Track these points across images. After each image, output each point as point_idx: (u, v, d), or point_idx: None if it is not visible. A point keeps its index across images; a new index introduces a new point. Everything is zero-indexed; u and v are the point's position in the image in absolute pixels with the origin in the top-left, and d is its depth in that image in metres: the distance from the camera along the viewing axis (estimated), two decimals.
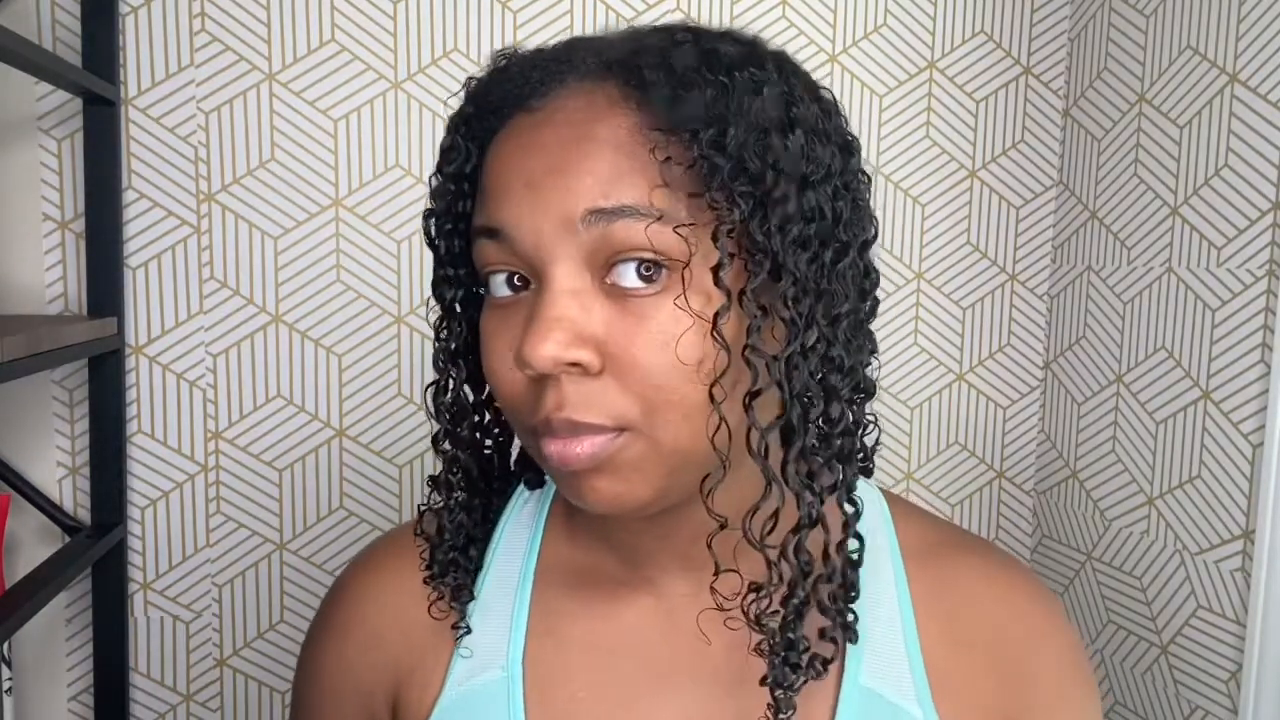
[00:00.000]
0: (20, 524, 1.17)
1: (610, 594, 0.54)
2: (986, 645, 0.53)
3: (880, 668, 0.52)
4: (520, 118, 0.46)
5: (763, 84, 0.44)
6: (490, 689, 0.53)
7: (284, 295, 1.20)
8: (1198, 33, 1.09)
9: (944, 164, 1.33)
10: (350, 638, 0.58)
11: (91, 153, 1.11)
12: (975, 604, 0.54)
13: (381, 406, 1.23)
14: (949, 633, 0.53)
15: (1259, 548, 0.98)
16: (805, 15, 1.28)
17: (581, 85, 0.45)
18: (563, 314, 0.43)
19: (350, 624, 0.58)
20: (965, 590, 0.54)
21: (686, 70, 0.43)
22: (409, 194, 1.21)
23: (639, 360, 0.43)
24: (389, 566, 0.59)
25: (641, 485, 0.45)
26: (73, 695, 1.21)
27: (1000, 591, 0.55)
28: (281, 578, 1.24)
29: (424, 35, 1.20)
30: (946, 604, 0.54)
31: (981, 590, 0.55)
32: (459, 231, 0.51)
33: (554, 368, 0.43)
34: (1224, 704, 1.04)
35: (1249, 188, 1.02)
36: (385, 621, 0.57)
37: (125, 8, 1.14)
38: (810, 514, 0.46)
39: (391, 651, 0.57)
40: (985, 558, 0.56)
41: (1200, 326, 1.08)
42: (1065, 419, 1.33)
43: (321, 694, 0.59)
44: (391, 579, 0.58)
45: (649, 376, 0.43)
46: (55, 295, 1.15)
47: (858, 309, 0.48)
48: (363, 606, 0.58)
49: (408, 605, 0.57)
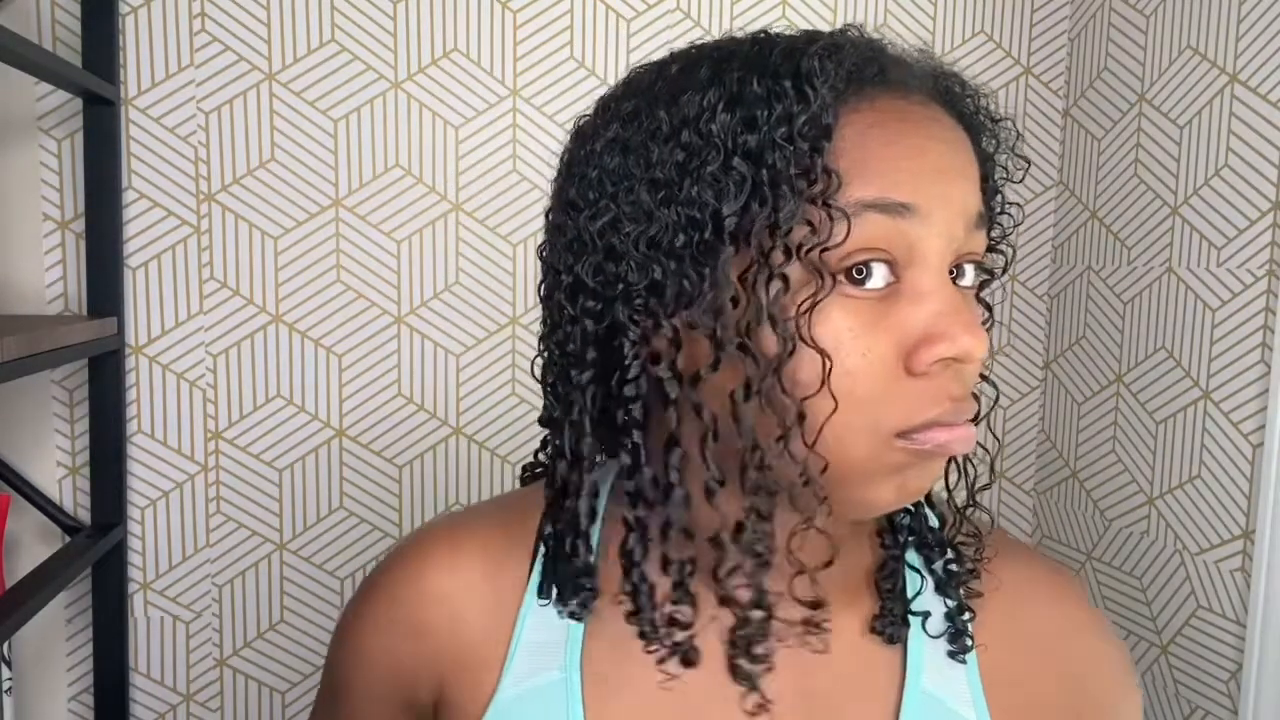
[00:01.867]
0: (20, 524, 1.17)
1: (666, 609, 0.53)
2: (1043, 650, 0.53)
3: (940, 673, 0.52)
4: (897, 100, 0.44)
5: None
6: (549, 690, 0.52)
7: (284, 295, 1.20)
8: (1198, 33, 1.09)
9: None
10: (396, 625, 0.56)
11: (91, 153, 1.11)
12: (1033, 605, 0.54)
13: (381, 406, 1.23)
14: (1007, 634, 0.53)
15: (1259, 548, 0.98)
16: (805, 15, 1.28)
17: (932, 102, 0.46)
18: (973, 306, 0.46)
19: (397, 611, 0.56)
20: (1025, 592, 0.54)
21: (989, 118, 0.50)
22: (409, 194, 1.21)
23: (984, 353, 0.45)
24: (443, 557, 0.56)
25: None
26: (73, 695, 1.21)
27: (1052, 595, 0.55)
28: (281, 578, 1.24)
29: (424, 35, 1.20)
30: (1005, 606, 0.54)
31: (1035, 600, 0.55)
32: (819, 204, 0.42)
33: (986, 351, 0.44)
34: (1224, 704, 1.04)
35: (1249, 188, 1.02)
36: (436, 614, 0.55)
37: (125, 8, 1.14)
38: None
39: (439, 644, 0.55)
40: (1037, 560, 0.57)
41: (1200, 326, 1.08)
42: (1065, 419, 1.33)
43: (360, 674, 0.57)
44: (445, 571, 0.55)
45: (981, 370, 0.47)
46: (55, 295, 1.15)
47: None
48: (412, 595, 0.56)
49: (461, 600, 0.55)
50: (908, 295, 0.43)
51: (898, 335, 0.43)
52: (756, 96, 0.42)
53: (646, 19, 1.24)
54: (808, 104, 0.42)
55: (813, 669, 0.51)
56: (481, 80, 1.22)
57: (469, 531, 0.56)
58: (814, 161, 0.41)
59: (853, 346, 0.42)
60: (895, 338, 0.43)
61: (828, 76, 0.42)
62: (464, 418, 1.26)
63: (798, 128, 0.41)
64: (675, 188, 0.43)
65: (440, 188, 1.22)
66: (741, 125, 0.42)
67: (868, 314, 0.43)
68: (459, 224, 1.22)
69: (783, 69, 0.43)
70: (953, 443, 0.44)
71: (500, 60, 1.22)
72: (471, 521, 0.57)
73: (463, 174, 1.22)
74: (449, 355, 1.24)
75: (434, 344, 1.24)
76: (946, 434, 0.44)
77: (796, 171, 0.41)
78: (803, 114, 0.42)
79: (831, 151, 0.42)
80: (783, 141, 0.42)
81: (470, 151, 1.22)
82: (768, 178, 0.42)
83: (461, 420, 1.26)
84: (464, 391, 1.25)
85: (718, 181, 0.42)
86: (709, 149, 0.43)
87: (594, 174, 0.46)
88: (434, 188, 1.22)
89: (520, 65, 1.22)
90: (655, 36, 1.25)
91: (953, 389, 0.44)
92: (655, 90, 0.46)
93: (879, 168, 0.42)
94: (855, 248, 0.42)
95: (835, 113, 0.42)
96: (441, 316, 1.24)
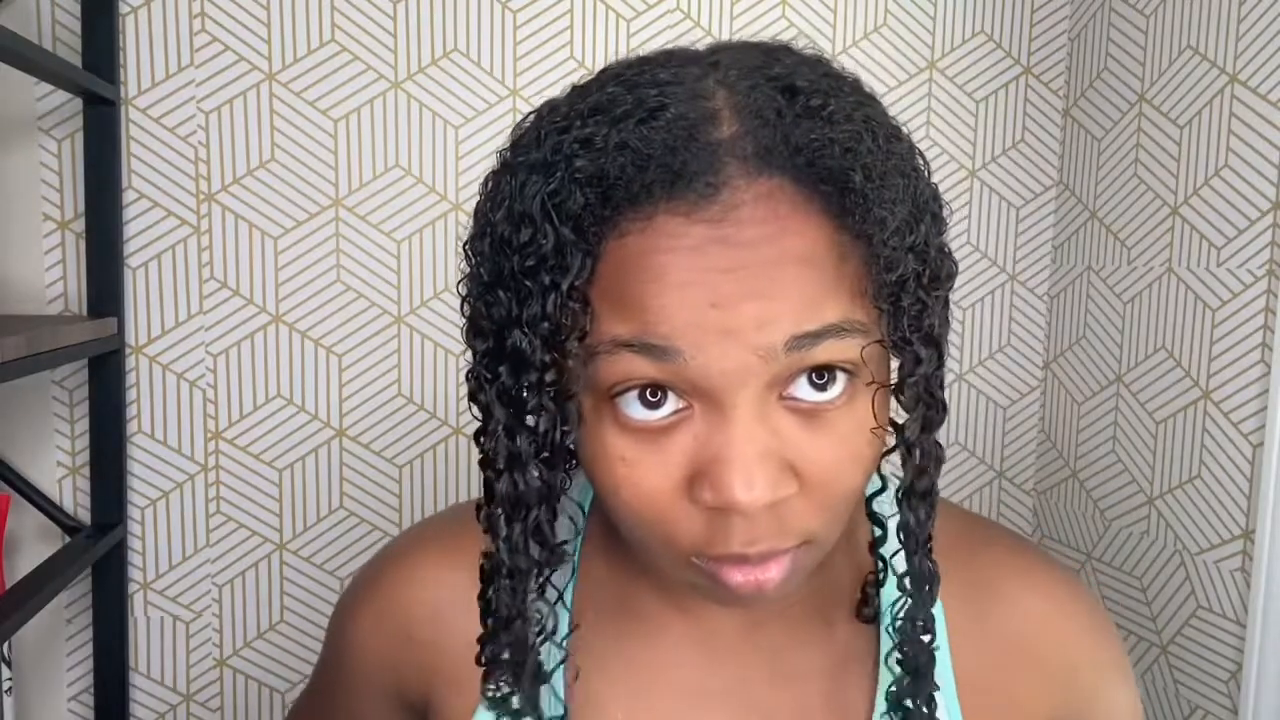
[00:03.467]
0: (20, 524, 1.17)
1: (647, 622, 0.53)
2: (1023, 644, 0.52)
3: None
4: (672, 216, 0.38)
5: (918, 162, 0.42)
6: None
7: (284, 295, 1.20)
8: (1198, 33, 1.09)
9: (944, 164, 1.33)
10: (383, 629, 0.56)
11: (91, 153, 1.11)
12: (1008, 602, 0.52)
13: (381, 406, 1.23)
14: (979, 634, 0.52)
15: (1259, 548, 0.98)
16: (805, 15, 1.28)
17: (747, 178, 0.38)
18: (765, 448, 0.39)
19: (384, 617, 0.56)
20: (997, 588, 0.53)
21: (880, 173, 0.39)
22: (409, 194, 1.21)
23: (835, 477, 0.41)
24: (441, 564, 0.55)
25: (798, 582, 0.43)
26: (73, 695, 1.21)
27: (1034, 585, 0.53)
28: (281, 578, 1.24)
29: (424, 35, 1.20)
30: (977, 605, 0.52)
31: (1014, 587, 0.53)
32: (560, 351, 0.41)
33: (764, 501, 0.39)
34: (1224, 704, 1.04)
35: (1249, 188, 1.02)
36: (424, 626, 0.55)
37: (125, 8, 1.14)
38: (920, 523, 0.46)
39: (424, 655, 0.55)
40: (1015, 552, 0.55)
41: (1200, 326, 1.08)
42: (1065, 419, 1.33)
43: (350, 669, 0.58)
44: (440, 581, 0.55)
45: (841, 489, 0.41)
46: (55, 295, 1.15)
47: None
48: (399, 602, 0.56)
49: (449, 613, 0.54)
50: (698, 418, 0.40)
51: (675, 468, 0.40)
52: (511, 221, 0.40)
53: (646, 19, 1.24)
54: (554, 232, 0.39)
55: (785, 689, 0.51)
56: (481, 80, 1.22)
57: (456, 544, 0.56)
58: (556, 300, 0.39)
59: (627, 474, 0.41)
60: (674, 469, 0.40)
61: (583, 193, 0.39)
62: (464, 418, 1.25)
63: (545, 261, 0.39)
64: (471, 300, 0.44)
65: (440, 188, 1.22)
66: (497, 250, 0.41)
67: (646, 443, 0.40)
68: (459, 224, 1.22)
69: (528, 193, 0.40)
70: (745, 587, 0.41)
71: (500, 60, 1.22)
72: (459, 532, 0.56)
73: (463, 174, 1.22)
74: (449, 355, 1.24)
75: (434, 344, 1.24)
76: (740, 575, 0.41)
77: (542, 312, 0.39)
78: (548, 244, 0.39)
79: (593, 280, 0.39)
80: (526, 276, 0.40)
81: (470, 151, 1.22)
82: (514, 311, 0.41)
83: (461, 420, 1.25)
84: (464, 391, 1.25)
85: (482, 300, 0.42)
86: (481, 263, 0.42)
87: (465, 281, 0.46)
88: (434, 188, 1.22)
89: (520, 65, 1.22)
90: (655, 37, 1.25)
91: (741, 531, 0.40)
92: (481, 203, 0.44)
93: (637, 303, 0.38)
94: (619, 380, 0.39)
95: (598, 238, 0.39)
96: (441, 316, 1.24)
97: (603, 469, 0.41)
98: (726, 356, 0.38)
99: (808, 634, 0.51)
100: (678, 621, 0.53)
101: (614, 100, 0.40)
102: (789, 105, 0.40)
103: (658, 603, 0.53)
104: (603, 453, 0.41)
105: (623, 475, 0.41)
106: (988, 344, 1.37)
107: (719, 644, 0.52)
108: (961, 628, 0.52)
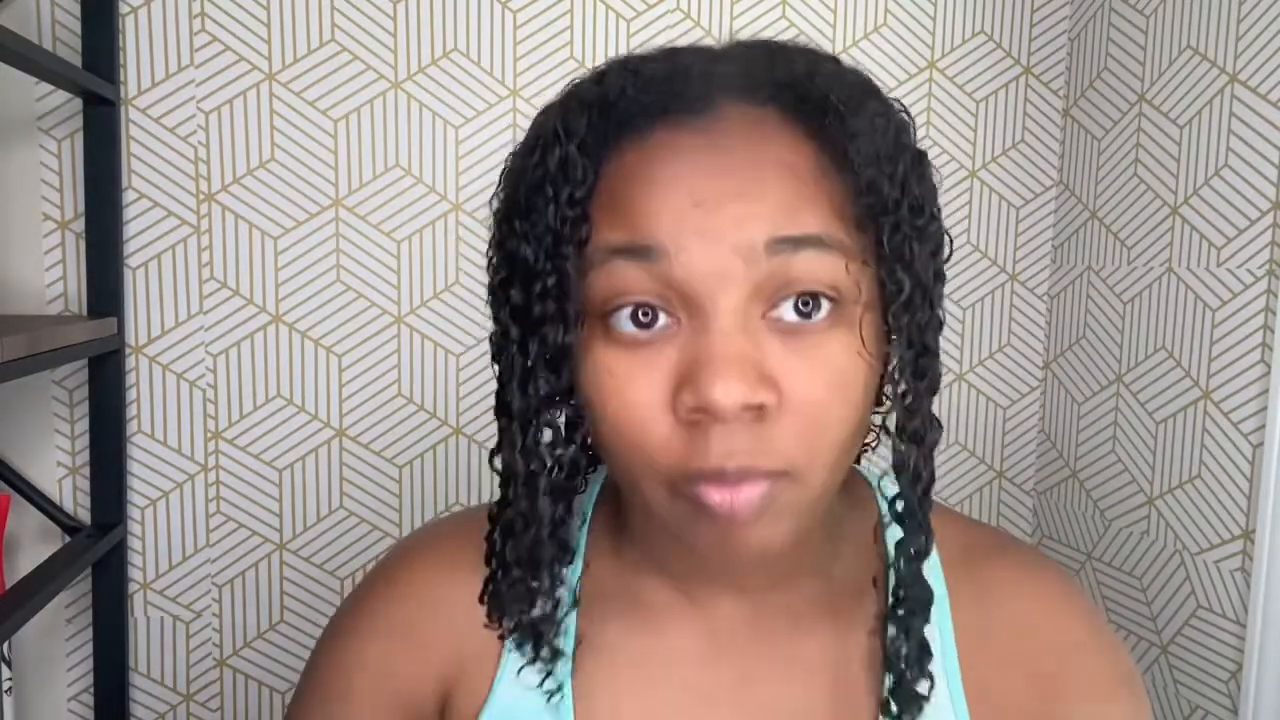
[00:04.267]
0: (20, 524, 1.17)
1: (656, 614, 0.53)
2: (1023, 654, 0.52)
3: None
4: (667, 131, 0.42)
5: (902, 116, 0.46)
6: (539, 703, 0.52)
7: (284, 295, 1.20)
8: (1198, 33, 1.09)
9: (944, 164, 1.33)
10: (395, 638, 0.55)
11: (91, 153, 1.11)
12: (1012, 612, 0.52)
13: (382, 406, 1.23)
14: (986, 645, 0.52)
15: (1259, 548, 0.98)
16: (805, 15, 1.28)
17: (737, 105, 0.43)
18: (743, 353, 0.40)
19: (395, 625, 0.55)
20: (1000, 597, 0.53)
21: (861, 104, 0.43)
22: (409, 194, 1.21)
23: (816, 399, 0.41)
24: (443, 566, 0.56)
25: (788, 531, 0.43)
26: (73, 695, 1.21)
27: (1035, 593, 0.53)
28: (281, 578, 1.24)
29: (424, 35, 1.20)
30: (983, 615, 0.52)
31: (1017, 597, 0.53)
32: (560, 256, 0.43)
33: (740, 411, 0.39)
34: (1224, 704, 1.04)
35: (1249, 188, 1.02)
36: (437, 627, 0.54)
37: (125, 8, 1.14)
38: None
39: (440, 657, 0.54)
40: (1021, 562, 0.55)
41: (1200, 326, 1.08)
42: (1065, 419, 1.33)
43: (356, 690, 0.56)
44: (444, 582, 0.55)
45: (821, 417, 0.41)
46: (55, 295, 1.15)
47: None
48: (412, 608, 0.55)
49: (460, 611, 0.54)
50: (684, 334, 0.42)
51: (662, 380, 0.42)
52: (529, 149, 0.45)
53: (646, 19, 1.24)
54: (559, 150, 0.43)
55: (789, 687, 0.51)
56: (481, 80, 1.22)
57: (458, 543, 0.56)
58: (557, 212, 0.42)
59: (612, 389, 0.42)
60: (661, 382, 0.42)
61: (585, 118, 0.43)
62: (464, 418, 1.26)
63: (549, 176, 0.43)
64: (494, 235, 0.47)
65: (440, 188, 1.22)
66: (514, 180, 0.45)
67: (637, 360, 0.42)
68: (459, 224, 1.23)
69: (555, 116, 0.44)
70: (722, 507, 0.41)
71: (500, 60, 1.22)
72: (462, 529, 0.57)
73: (463, 174, 1.22)
74: (449, 355, 1.24)
75: (434, 344, 1.24)
76: (718, 494, 0.41)
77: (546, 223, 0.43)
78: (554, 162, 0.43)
79: (594, 197, 0.43)
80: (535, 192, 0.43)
81: (470, 151, 1.22)
82: (525, 227, 0.44)
83: (461, 420, 1.25)
84: (464, 391, 1.25)
85: (500, 228, 0.46)
86: (505, 205, 0.46)
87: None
88: (434, 188, 1.22)
89: (520, 65, 1.22)
90: (655, 37, 1.25)
91: (719, 441, 0.40)
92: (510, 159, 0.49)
93: (628, 208, 0.42)
94: (611, 294, 0.42)
95: (599, 156, 0.43)
96: (441, 316, 1.24)
97: (593, 385, 0.43)
98: (709, 256, 0.40)
99: (814, 627, 0.51)
100: (685, 613, 0.53)
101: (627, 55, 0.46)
102: (780, 51, 0.45)
103: (665, 592, 0.53)
104: (593, 368, 0.43)
105: (611, 389, 0.42)
106: (988, 344, 1.37)
107: (725, 637, 0.52)
108: (969, 640, 0.52)
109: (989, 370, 1.37)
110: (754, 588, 0.51)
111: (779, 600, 0.51)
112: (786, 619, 0.52)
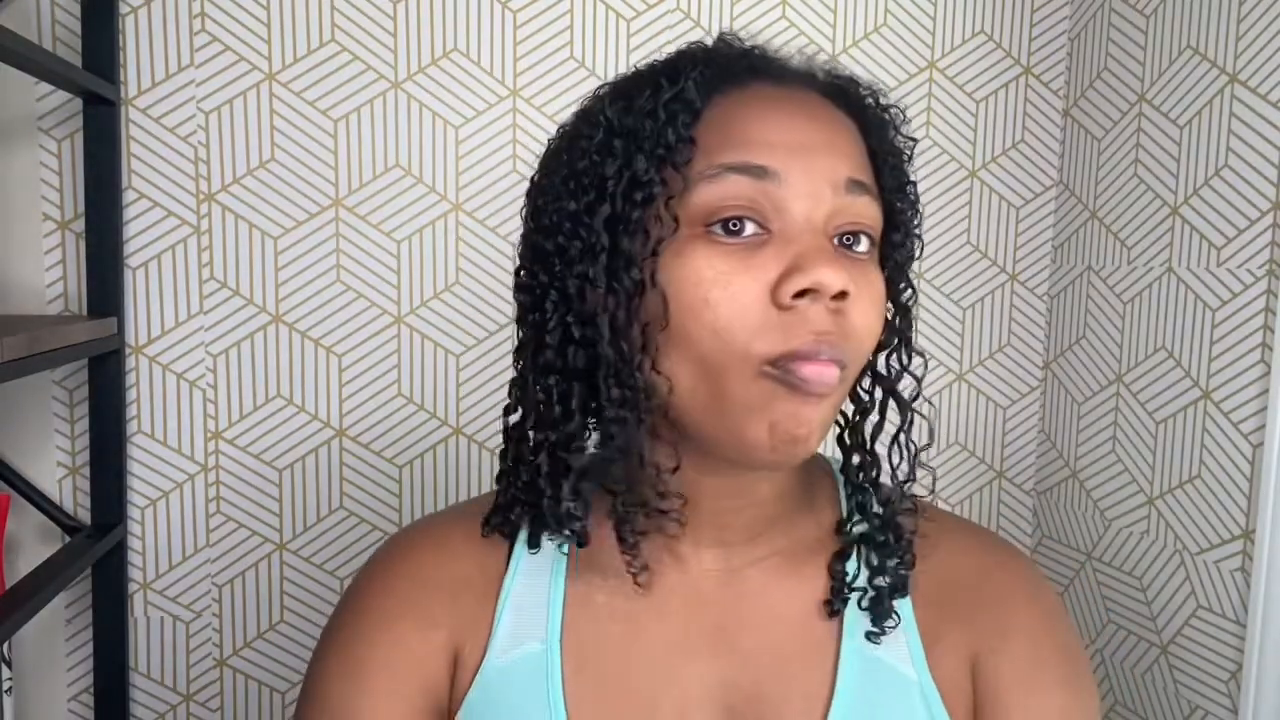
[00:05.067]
0: (20, 524, 1.17)
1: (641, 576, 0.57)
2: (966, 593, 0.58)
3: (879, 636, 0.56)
4: (767, 87, 0.52)
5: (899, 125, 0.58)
6: (531, 661, 0.56)
7: (284, 295, 1.20)
8: (1198, 33, 1.09)
9: (944, 164, 1.33)
10: (407, 620, 0.57)
11: (91, 153, 1.11)
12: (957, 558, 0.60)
13: (382, 406, 1.23)
14: (934, 591, 0.58)
15: (1259, 548, 0.98)
16: (805, 15, 1.28)
17: (808, 84, 0.54)
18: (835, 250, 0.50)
19: (406, 609, 0.58)
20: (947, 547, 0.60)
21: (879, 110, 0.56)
22: (409, 194, 1.21)
23: (866, 313, 0.50)
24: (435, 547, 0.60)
25: (825, 425, 0.51)
26: (73, 695, 1.21)
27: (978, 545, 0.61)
28: (281, 578, 1.24)
29: (424, 35, 1.20)
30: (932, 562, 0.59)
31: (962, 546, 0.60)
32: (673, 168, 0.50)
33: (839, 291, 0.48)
34: (1224, 704, 1.04)
35: (1249, 188, 1.02)
36: (440, 603, 0.58)
37: (125, 8, 1.14)
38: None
39: (446, 633, 0.58)
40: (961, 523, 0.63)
41: (1200, 326, 1.08)
42: (1065, 419, 1.33)
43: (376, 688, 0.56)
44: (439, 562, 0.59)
45: (865, 330, 0.50)
46: (55, 295, 1.15)
47: None
48: (415, 590, 0.58)
49: (460, 587, 0.58)
50: (775, 242, 0.49)
51: (764, 274, 0.49)
52: (637, 89, 0.53)
53: (646, 19, 1.24)
54: (674, 87, 0.51)
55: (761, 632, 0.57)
56: (481, 80, 1.22)
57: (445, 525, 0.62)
58: (673, 131, 0.50)
59: (715, 281, 0.49)
60: (762, 275, 0.49)
61: (695, 67, 0.52)
62: (464, 418, 1.26)
63: (663, 104, 0.51)
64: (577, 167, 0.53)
65: (440, 188, 1.22)
66: (622, 110, 0.52)
67: (736, 259, 0.49)
68: (459, 224, 1.23)
69: (660, 69, 0.53)
70: (812, 379, 0.48)
71: (500, 60, 1.22)
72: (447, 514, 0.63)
73: (463, 174, 1.22)
74: (449, 355, 1.24)
75: (434, 344, 1.24)
76: (810, 367, 0.48)
77: (660, 140, 0.50)
78: (668, 94, 0.51)
79: (699, 126, 0.51)
80: (648, 117, 0.51)
81: (470, 151, 1.22)
82: (634, 146, 0.51)
83: (461, 420, 1.26)
84: (464, 391, 1.25)
85: (600, 153, 0.52)
86: (598, 130, 0.52)
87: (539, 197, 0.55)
88: (434, 188, 1.22)
89: (520, 65, 1.22)
90: (655, 36, 1.25)
91: (816, 323, 0.48)
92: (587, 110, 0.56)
93: (742, 137, 0.50)
94: (719, 203, 0.50)
95: (705, 95, 0.51)
96: (441, 316, 1.24)
97: (693, 280, 0.49)
98: (809, 180, 0.50)
99: (781, 581, 0.57)
100: (669, 570, 0.57)
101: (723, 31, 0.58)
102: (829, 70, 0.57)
103: (650, 550, 0.57)
104: (695, 266, 0.49)
105: (713, 280, 0.49)
106: (988, 344, 1.37)
107: (705, 590, 0.57)
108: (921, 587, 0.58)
109: (989, 370, 1.37)
110: (733, 541, 0.57)
111: (752, 554, 0.57)
112: (757, 574, 0.57)
